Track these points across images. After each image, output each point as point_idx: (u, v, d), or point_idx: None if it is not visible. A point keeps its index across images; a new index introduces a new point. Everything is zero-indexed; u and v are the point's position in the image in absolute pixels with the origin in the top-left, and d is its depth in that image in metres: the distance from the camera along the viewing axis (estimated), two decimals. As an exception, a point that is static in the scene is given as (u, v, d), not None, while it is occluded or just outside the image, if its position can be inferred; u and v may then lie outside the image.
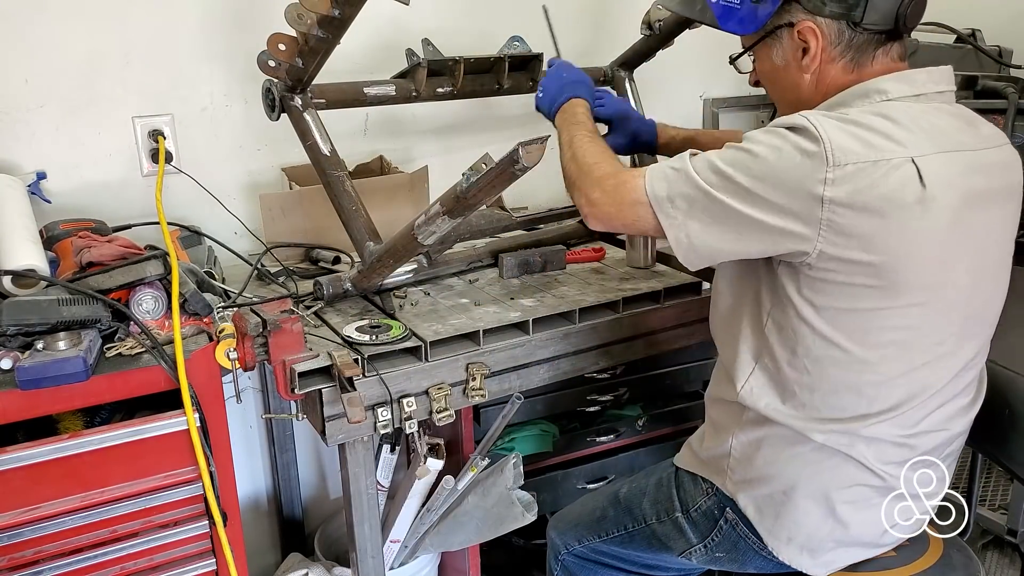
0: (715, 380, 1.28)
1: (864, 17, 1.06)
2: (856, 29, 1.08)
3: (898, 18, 1.06)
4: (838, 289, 1.04)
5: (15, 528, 1.15)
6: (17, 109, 1.57)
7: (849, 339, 1.07)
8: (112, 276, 1.25)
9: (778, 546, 1.19)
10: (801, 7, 1.08)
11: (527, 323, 1.37)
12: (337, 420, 1.23)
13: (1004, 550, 2.08)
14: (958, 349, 1.12)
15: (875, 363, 1.08)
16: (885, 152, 0.99)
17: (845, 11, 1.06)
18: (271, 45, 1.33)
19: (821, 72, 1.11)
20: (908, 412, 1.11)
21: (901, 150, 1.00)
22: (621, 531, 1.37)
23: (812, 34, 1.09)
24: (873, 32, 1.08)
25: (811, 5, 1.08)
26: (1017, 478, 1.54)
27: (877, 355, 1.07)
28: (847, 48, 1.09)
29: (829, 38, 1.09)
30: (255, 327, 1.20)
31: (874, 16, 1.06)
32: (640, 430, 1.82)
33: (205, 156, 1.74)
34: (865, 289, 1.03)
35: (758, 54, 1.18)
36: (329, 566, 1.77)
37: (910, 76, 1.09)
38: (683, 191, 1.08)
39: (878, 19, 1.06)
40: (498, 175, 1.06)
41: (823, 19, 1.08)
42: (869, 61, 1.10)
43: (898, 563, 1.21)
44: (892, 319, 1.05)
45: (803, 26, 1.09)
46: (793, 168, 1.00)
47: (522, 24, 1.72)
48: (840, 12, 1.07)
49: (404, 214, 1.63)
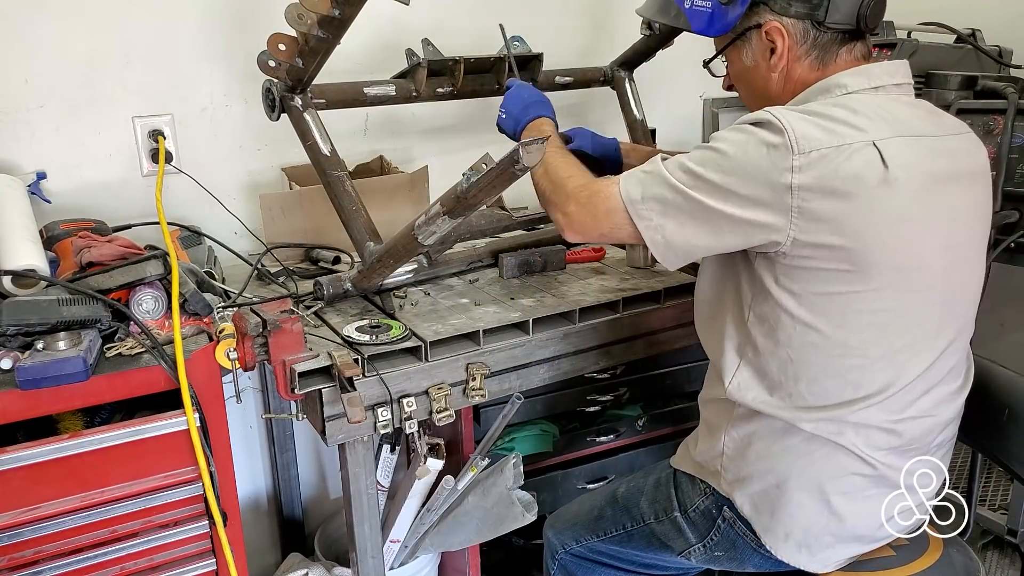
0: (706, 381, 1.30)
1: (827, 16, 1.12)
2: (820, 28, 1.13)
3: (859, 18, 1.12)
4: (813, 275, 1.07)
5: (15, 528, 1.15)
6: (17, 109, 1.57)
7: (828, 324, 1.09)
8: (112, 276, 1.25)
9: (776, 544, 1.19)
10: (768, 8, 1.14)
11: (527, 323, 1.37)
12: (337, 420, 1.23)
13: (1004, 550, 2.08)
14: (939, 331, 1.13)
15: (855, 347, 1.10)
16: (847, 137, 1.03)
17: (809, 11, 1.12)
18: (271, 45, 1.33)
19: (788, 70, 1.16)
20: (894, 396, 1.12)
21: (862, 135, 1.04)
22: (619, 530, 1.38)
23: (779, 34, 1.14)
24: (836, 31, 1.13)
25: (777, 6, 1.13)
26: (1017, 478, 1.54)
27: (857, 339, 1.09)
28: (812, 47, 1.14)
29: (795, 37, 1.14)
30: (255, 327, 1.20)
31: (836, 15, 1.12)
32: (640, 430, 1.82)
33: (205, 156, 1.74)
34: (838, 273, 1.06)
35: (729, 57, 1.23)
36: (329, 566, 1.77)
37: (867, 70, 1.14)
38: (656, 192, 1.11)
39: (840, 18, 1.12)
40: (498, 175, 1.07)
41: (789, 19, 1.13)
42: (833, 59, 1.15)
43: (898, 563, 1.21)
44: (867, 302, 1.08)
45: (770, 26, 1.14)
46: (760, 160, 1.04)
47: (522, 24, 1.72)
48: (805, 12, 1.12)
49: (404, 214, 1.63)
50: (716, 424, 1.25)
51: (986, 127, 1.66)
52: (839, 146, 1.03)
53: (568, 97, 2.05)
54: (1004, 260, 1.62)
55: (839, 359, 1.10)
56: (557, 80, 1.78)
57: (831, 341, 1.10)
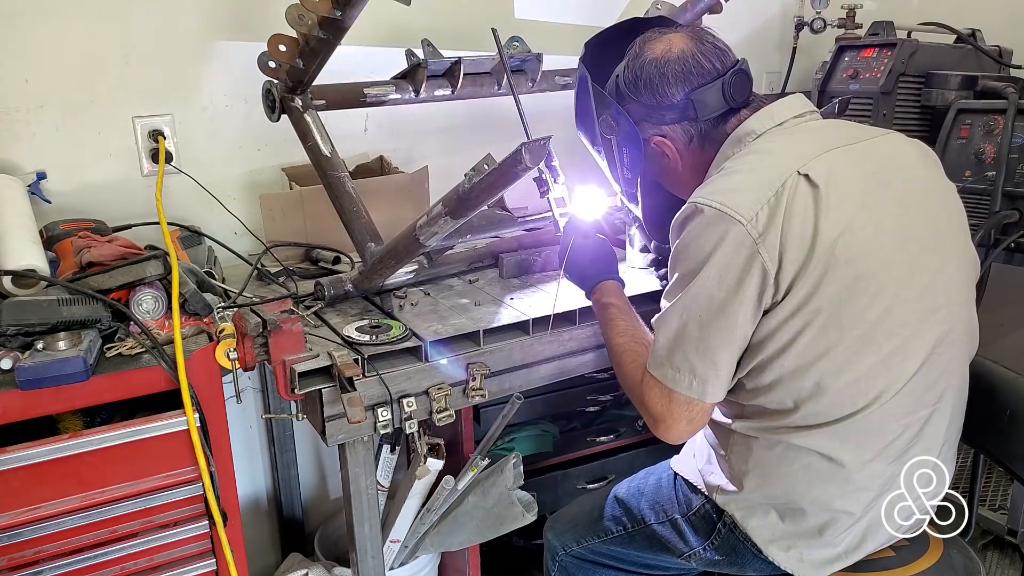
0: None
1: (698, 113, 1.19)
2: (696, 123, 1.21)
3: (727, 99, 1.19)
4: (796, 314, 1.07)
5: (15, 528, 1.15)
6: (17, 109, 1.57)
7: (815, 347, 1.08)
8: (112, 276, 1.25)
9: (777, 554, 1.19)
10: (648, 124, 1.23)
11: (527, 323, 1.37)
12: (337, 420, 1.23)
13: (1004, 550, 2.08)
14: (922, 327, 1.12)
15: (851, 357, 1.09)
16: (775, 182, 1.07)
17: (680, 115, 1.20)
18: (271, 46, 1.33)
19: (690, 162, 1.24)
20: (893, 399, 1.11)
21: (784, 171, 1.08)
22: (620, 532, 1.38)
23: (663, 144, 1.23)
24: (712, 118, 1.20)
25: (653, 120, 1.22)
26: (1017, 478, 1.54)
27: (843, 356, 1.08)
28: (699, 138, 1.22)
29: (680, 140, 1.23)
30: (255, 327, 1.20)
31: (705, 109, 1.19)
32: (640, 430, 1.82)
33: (205, 156, 1.74)
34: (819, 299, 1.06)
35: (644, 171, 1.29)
36: (329, 566, 1.77)
37: (769, 110, 1.19)
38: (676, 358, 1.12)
39: (710, 108, 1.19)
40: (501, 175, 1.07)
41: (667, 127, 1.22)
42: (723, 135, 1.21)
43: (898, 563, 1.21)
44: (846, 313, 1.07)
45: (654, 140, 1.24)
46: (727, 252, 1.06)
47: (522, 24, 1.72)
48: (676, 117, 1.21)
49: (404, 215, 1.63)
50: (715, 443, 1.25)
51: (986, 127, 1.66)
52: (776, 193, 1.06)
53: (568, 97, 2.05)
54: (1004, 260, 1.63)
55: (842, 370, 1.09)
56: (557, 80, 1.78)
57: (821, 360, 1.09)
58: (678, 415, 1.14)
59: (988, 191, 1.63)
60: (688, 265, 1.11)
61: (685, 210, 1.12)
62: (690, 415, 1.14)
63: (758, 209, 1.05)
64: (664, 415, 1.14)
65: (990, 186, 1.63)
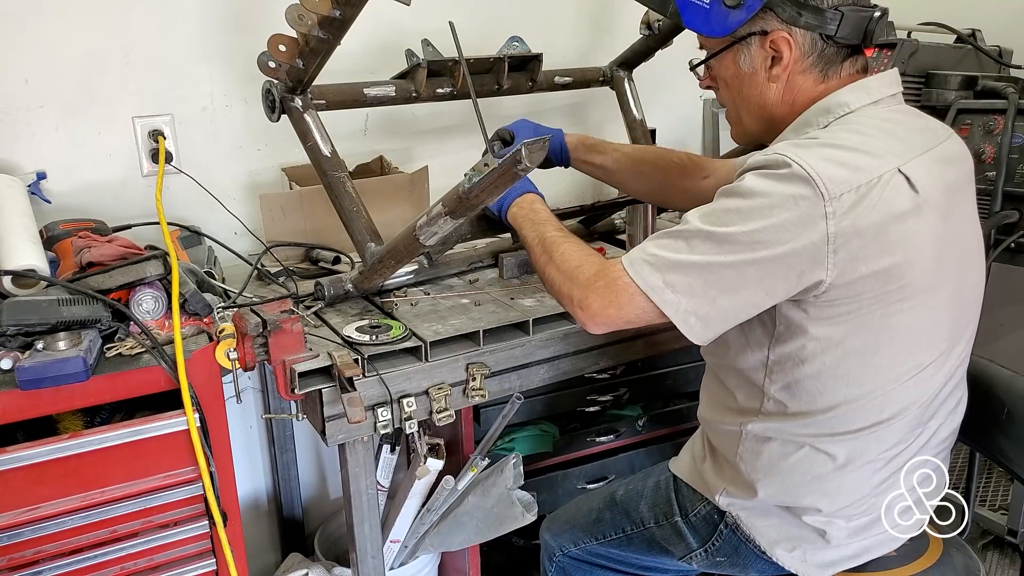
0: (709, 403, 1.27)
1: (838, 31, 1.07)
2: (828, 42, 1.08)
3: (866, 34, 1.08)
4: (845, 307, 1.03)
5: (15, 528, 1.15)
6: (17, 109, 1.56)
7: (859, 350, 1.06)
8: (112, 276, 1.25)
9: (782, 556, 1.19)
10: (775, 16, 1.08)
11: (527, 323, 1.37)
12: (337, 420, 1.23)
13: (1004, 550, 2.08)
14: (955, 339, 1.12)
15: (885, 371, 1.07)
16: (873, 170, 0.99)
17: (820, 23, 1.07)
18: (271, 46, 1.33)
19: (790, 82, 1.11)
20: (915, 412, 1.11)
21: (885, 164, 1.01)
22: (619, 534, 1.37)
23: (786, 44, 1.08)
24: (843, 45, 1.09)
25: (786, 15, 1.07)
26: (1017, 478, 1.53)
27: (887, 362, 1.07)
28: (818, 59, 1.10)
29: (802, 48, 1.09)
30: (255, 327, 1.20)
31: (847, 30, 1.07)
32: (640, 430, 1.82)
33: (205, 156, 1.74)
34: (871, 301, 1.03)
35: (722, 59, 1.15)
36: (329, 566, 1.77)
37: (865, 84, 1.10)
38: (676, 277, 1.02)
39: (849, 33, 1.08)
40: (500, 175, 1.07)
41: (798, 30, 1.08)
42: (837, 73, 1.11)
43: (898, 563, 1.21)
44: (901, 324, 1.05)
45: (777, 35, 1.08)
46: (790, 213, 0.98)
47: (522, 25, 1.72)
48: (815, 24, 1.07)
49: (404, 214, 1.63)
50: (724, 448, 1.23)
51: (986, 127, 1.66)
52: (869, 182, 0.98)
53: (567, 97, 2.05)
54: (1004, 260, 1.62)
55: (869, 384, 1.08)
56: (556, 80, 1.78)
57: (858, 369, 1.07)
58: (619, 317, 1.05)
59: (988, 191, 1.63)
60: (744, 204, 1.00)
61: (770, 158, 1.01)
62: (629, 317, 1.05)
63: (846, 190, 0.97)
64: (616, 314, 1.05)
65: (990, 186, 1.63)
